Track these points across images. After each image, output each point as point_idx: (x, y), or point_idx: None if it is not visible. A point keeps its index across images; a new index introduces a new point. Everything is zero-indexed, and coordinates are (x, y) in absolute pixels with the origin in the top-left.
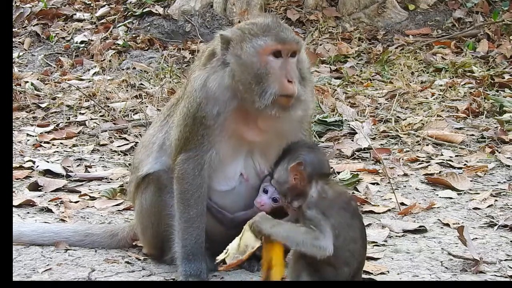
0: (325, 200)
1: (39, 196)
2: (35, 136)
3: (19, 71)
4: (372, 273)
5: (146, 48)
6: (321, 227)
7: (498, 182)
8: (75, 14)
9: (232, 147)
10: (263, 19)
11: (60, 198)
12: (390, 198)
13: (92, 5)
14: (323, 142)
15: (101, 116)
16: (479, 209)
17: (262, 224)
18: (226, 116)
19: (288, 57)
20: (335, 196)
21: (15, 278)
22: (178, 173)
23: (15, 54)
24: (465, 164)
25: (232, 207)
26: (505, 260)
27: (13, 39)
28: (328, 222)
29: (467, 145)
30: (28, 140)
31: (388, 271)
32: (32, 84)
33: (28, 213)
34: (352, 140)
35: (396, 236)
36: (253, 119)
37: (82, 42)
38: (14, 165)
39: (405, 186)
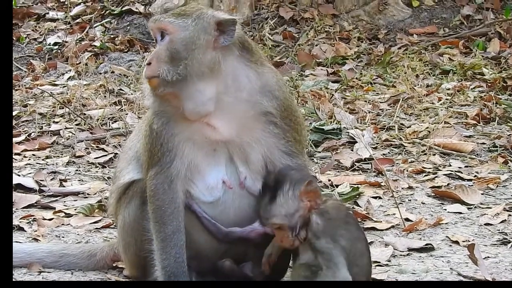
0: (330, 221)
1: None
2: None
3: None
4: None
5: (125, 50)
6: (334, 259)
7: None
8: (47, 13)
9: (200, 149)
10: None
11: (33, 215)
12: (394, 214)
13: (66, 3)
14: (319, 152)
15: (76, 125)
16: (491, 225)
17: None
18: (167, 117)
19: (159, 41)
20: (336, 212)
21: None
22: (149, 190)
23: None
24: (475, 176)
25: (222, 219)
26: None
27: None
28: (338, 248)
29: (477, 154)
30: None
31: None
32: None
33: None
34: (352, 150)
35: (401, 255)
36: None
37: (55, 43)
38: None
39: (410, 200)
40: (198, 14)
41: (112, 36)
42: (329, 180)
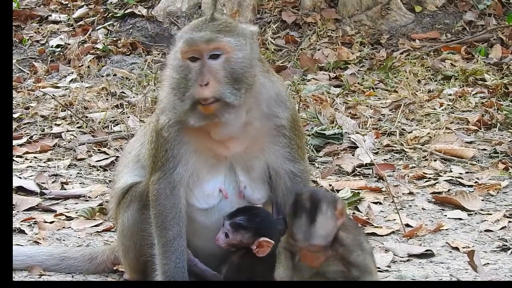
0: (350, 233)
1: None
2: None
3: None
4: None
5: (128, 53)
6: (368, 268)
7: None
8: (50, 16)
9: (205, 161)
10: (205, 16)
11: (34, 218)
12: (394, 219)
13: (69, 5)
14: (321, 157)
15: (78, 127)
16: (491, 231)
17: None
18: (180, 127)
19: (207, 59)
20: (347, 221)
21: None
22: (151, 195)
23: None
24: (476, 182)
25: (217, 226)
26: None
27: None
28: (367, 254)
29: (478, 160)
30: None
31: None
32: None
33: None
34: (353, 155)
35: (401, 261)
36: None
37: (58, 46)
38: None
39: (411, 206)
40: (241, 30)
41: (114, 38)
42: (330, 185)
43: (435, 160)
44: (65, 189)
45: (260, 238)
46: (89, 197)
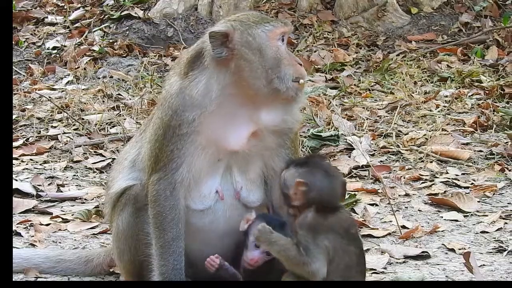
0: (321, 225)
1: None
2: None
3: None
4: None
5: (124, 55)
6: (310, 251)
7: (508, 203)
8: (46, 17)
9: (207, 161)
10: (247, 11)
11: (30, 221)
12: (391, 221)
13: (65, 7)
14: None
15: (75, 129)
16: (487, 232)
17: (261, 237)
18: (201, 121)
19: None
20: (333, 222)
21: None
22: (150, 195)
23: None
24: (472, 183)
25: (211, 228)
26: None
27: None
28: (319, 245)
29: (474, 162)
30: None
31: None
32: None
33: None
34: (349, 157)
35: (397, 262)
36: (245, 118)
37: (54, 48)
38: None
39: (407, 208)
40: None
41: (111, 40)
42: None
43: (431, 162)
44: (61, 191)
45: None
46: (85, 199)
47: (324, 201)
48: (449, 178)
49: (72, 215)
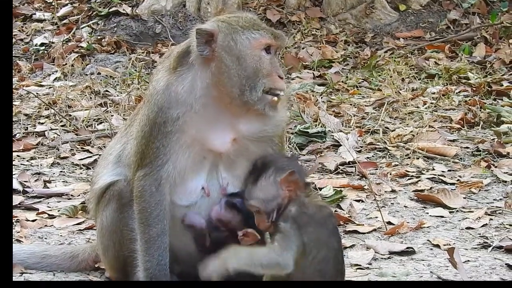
0: (303, 215)
1: None
2: None
3: None
4: None
5: (112, 51)
6: (287, 242)
7: (494, 200)
8: (34, 14)
9: (192, 159)
10: (243, 13)
11: (16, 217)
12: (376, 217)
13: (53, 4)
14: (304, 155)
15: (62, 126)
16: (472, 228)
17: (228, 263)
18: (186, 120)
19: (275, 55)
20: (314, 211)
21: None
22: (136, 191)
23: None
24: (458, 180)
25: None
26: None
27: None
28: (298, 239)
29: (460, 158)
30: None
31: None
32: None
33: None
34: (336, 153)
35: (382, 258)
36: (227, 123)
37: (42, 44)
38: None
39: (393, 204)
40: None
41: (99, 37)
42: (313, 183)
43: (417, 158)
44: (48, 188)
45: (249, 229)
46: (71, 195)
47: (303, 179)
48: (435, 175)
49: (58, 211)
